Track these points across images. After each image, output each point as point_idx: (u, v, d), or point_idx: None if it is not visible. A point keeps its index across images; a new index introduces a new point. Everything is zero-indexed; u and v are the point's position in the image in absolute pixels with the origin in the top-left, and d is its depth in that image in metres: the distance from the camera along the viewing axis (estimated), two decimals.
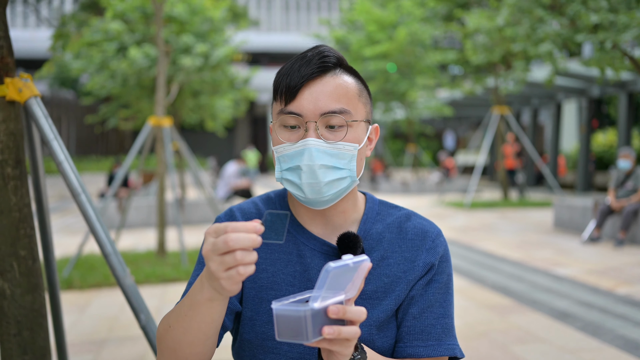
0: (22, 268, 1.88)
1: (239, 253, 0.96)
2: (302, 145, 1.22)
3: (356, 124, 1.27)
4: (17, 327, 1.86)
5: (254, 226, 0.98)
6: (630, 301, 5.36)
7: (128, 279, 2.12)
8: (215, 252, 0.98)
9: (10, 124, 1.89)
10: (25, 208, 1.91)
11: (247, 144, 35.66)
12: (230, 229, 0.97)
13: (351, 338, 0.99)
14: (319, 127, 1.23)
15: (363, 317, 1.01)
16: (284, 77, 1.25)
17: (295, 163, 1.24)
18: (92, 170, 22.47)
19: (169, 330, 1.19)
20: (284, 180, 1.28)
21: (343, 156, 1.25)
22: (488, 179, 24.25)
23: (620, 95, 15.92)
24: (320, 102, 1.23)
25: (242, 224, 0.98)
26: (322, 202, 1.27)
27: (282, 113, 1.25)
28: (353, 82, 1.29)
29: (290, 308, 0.96)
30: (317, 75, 1.24)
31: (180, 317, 1.16)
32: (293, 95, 1.23)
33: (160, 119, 6.94)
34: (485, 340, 4.34)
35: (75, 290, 6.04)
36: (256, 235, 0.98)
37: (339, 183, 1.26)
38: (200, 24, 10.60)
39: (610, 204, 8.76)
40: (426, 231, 1.37)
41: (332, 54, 1.27)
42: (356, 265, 1.00)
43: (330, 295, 0.98)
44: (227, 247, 0.96)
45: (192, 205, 11.62)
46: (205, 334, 1.15)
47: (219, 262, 0.98)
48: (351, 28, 19.88)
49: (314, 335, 0.95)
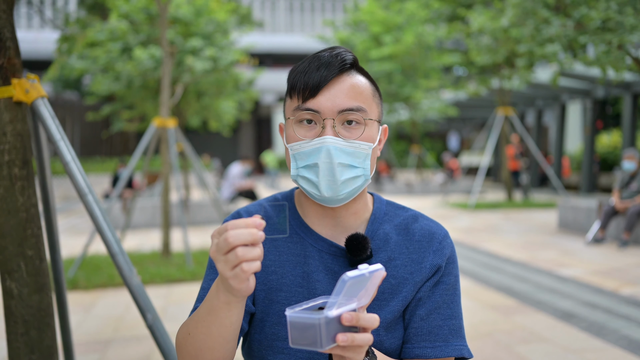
0: (30, 268, 1.90)
1: (240, 249, 0.97)
2: (320, 143, 1.23)
3: (371, 122, 1.29)
4: (24, 327, 1.88)
5: (254, 221, 0.99)
6: (634, 302, 5.36)
7: (135, 278, 2.14)
8: (219, 252, 0.99)
9: (18, 125, 1.90)
10: (32, 208, 1.93)
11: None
12: (230, 226, 0.98)
13: (364, 345, 1.00)
14: (336, 125, 1.24)
15: (376, 324, 1.01)
16: (301, 75, 1.26)
17: (313, 161, 1.24)
18: (96, 171, 22.48)
19: (189, 337, 1.20)
20: (299, 178, 1.28)
21: (359, 155, 1.26)
22: (492, 180, 24.21)
23: (625, 97, 15.87)
24: (338, 99, 1.24)
25: (242, 220, 0.98)
26: (337, 200, 1.28)
27: (299, 109, 1.26)
28: (367, 83, 1.31)
29: (305, 316, 0.97)
30: (336, 75, 1.26)
31: (199, 324, 1.17)
32: (313, 94, 1.24)
33: (165, 120, 6.96)
34: (490, 341, 4.34)
35: (80, 291, 6.06)
36: (256, 229, 0.98)
37: (354, 181, 1.27)
38: (205, 25, 10.62)
39: (614, 205, 8.74)
40: (433, 233, 1.37)
41: (349, 55, 1.29)
42: (371, 275, 1.00)
43: (344, 303, 0.99)
44: (229, 245, 0.97)
45: (196, 206, 11.64)
46: (225, 338, 1.16)
47: (224, 262, 0.99)
48: (355, 29, 19.88)
49: (328, 343, 0.96)
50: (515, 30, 9.47)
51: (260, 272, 1.34)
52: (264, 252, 1.35)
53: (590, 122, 17.54)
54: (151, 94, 11.31)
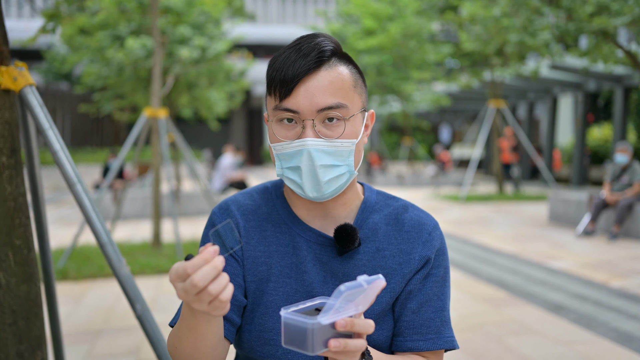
0: (18, 257, 1.87)
1: (211, 287, 0.93)
2: (301, 145, 1.21)
3: (353, 117, 1.25)
4: (12, 317, 1.86)
5: (210, 252, 0.94)
6: (623, 294, 5.39)
7: (124, 269, 2.12)
8: (189, 295, 0.95)
9: (5, 113, 1.87)
10: (21, 197, 1.90)
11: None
12: (190, 269, 0.93)
13: (357, 351, 0.99)
14: (316, 124, 1.21)
15: (371, 330, 1.00)
16: (278, 72, 1.22)
17: (295, 163, 1.23)
18: (87, 161, 22.35)
19: (176, 350, 1.21)
20: (285, 178, 1.27)
21: (341, 153, 1.24)
22: (483, 172, 24.28)
23: (616, 90, 15.94)
24: (316, 98, 1.20)
25: (199, 258, 0.94)
26: (323, 198, 1.27)
27: (277, 109, 1.23)
28: (348, 73, 1.26)
29: (298, 319, 0.96)
30: (313, 70, 1.21)
31: (183, 340, 1.17)
32: (288, 91, 1.20)
33: (156, 110, 6.92)
34: (480, 332, 4.35)
35: (70, 281, 6.03)
36: (217, 260, 0.94)
37: (339, 179, 1.25)
38: (197, 15, 10.54)
39: (605, 197, 8.79)
40: (423, 223, 1.36)
41: (327, 45, 1.24)
42: (369, 284, 0.99)
43: (340, 310, 0.98)
44: (198, 288, 0.93)
45: (187, 196, 11.60)
46: (212, 345, 1.18)
47: (198, 302, 0.96)
48: (347, 21, 19.81)
49: (319, 348, 0.96)
50: (507, 20, 9.47)
51: (250, 264, 1.33)
52: (254, 244, 1.34)
53: (581, 115, 17.60)
54: (142, 84, 11.24)
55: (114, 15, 9.56)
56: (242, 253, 1.34)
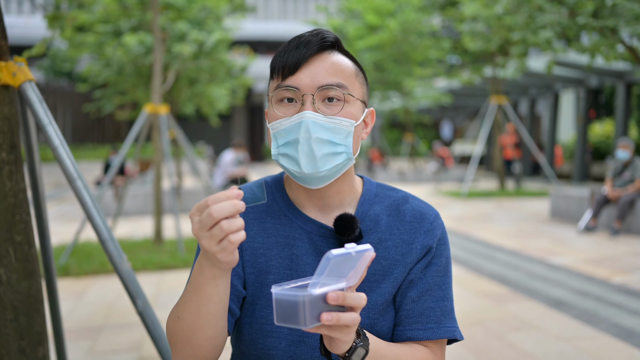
0: (19, 254, 1.87)
1: (224, 223, 0.97)
2: (299, 118, 1.21)
3: (353, 100, 1.26)
4: (13, 313, 1.86)
5: (233, 192, 0.99)
6: (625, 290, 5.38)
7: (125, 265, 2.11)
8: (203, 228, 0.99)
9: (5, 109, 1.87)
10: (21, 193, 1.90)
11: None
12: (210, 201, 0.98)
13: (350, 324, 0.98)
14: (316, 101, 1.22)
15: (363, 303, 1.00)
16: (281, 55, 1.25)
17: (292, 137, 1.22)
18: (88, 158, 22.35)
19: (178, 321, 1.19)
20: (280, 157, 1.26)
21: (340, 131, 1.24)
22: (485, 168, 24.26)
23: (618, 86, 15.90)
24: (317, 76, 1.23)
25: (221, 193, 0.99)
26: (318, 178, 1.25)
27: (279, 88, 1.25)
28: (349, 62, 1.29)
29: (289, 293, 0.95)
30: (316, 53, 1.25)
31: (187, 305, 1.16)
32: (292, 71, 1.23)
33: (157, 106, 6.91)
34: (481, 329, 4.35)
35: (71, 278, 6.03)
36: (237, 200, 0.98)
37: (335, 158, 1.24)
38: (197, 11, 10.52)
39: (606, 193, 8.78)
40: (424, 213, 1.37)
41: (330, 35, 1.27)
42: (359, 255, 0.99)
43: (331, 282, 0.97)
44: (213, 219, 0.97)
45: (188, 193, 11.61)
46: (215, 315, 1.15)
47: (209, 238, 0.99)
48: (349, 16, 19.77)
49: (312, 322, 0.95)
50: (509, 17, 9.45)
51: (249, 255, 1.33)
52: (252, 236, 1.35)
53: (583, 111, 17.57)
54: (143, 80, 11.22)
55: (114, 12, 9.54)
56: (241, 244, 1.34)
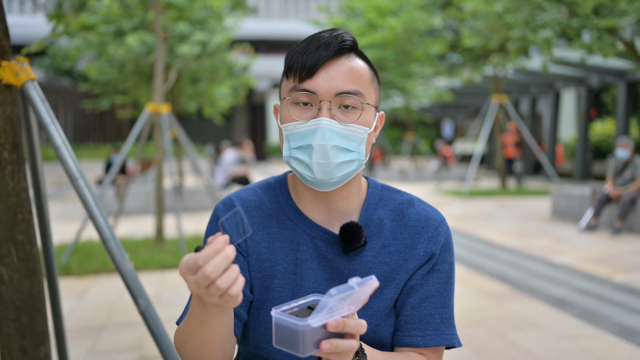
0: (20, 253, 1.87)
1: (220, 281, 0.92)
2: (315, 125, 1.20)
3: (368, 107, 1.26)
4: (15, 312, 1.86)
5: (221, 242, 0.92)
6: (626, 289, 5.38)
7: (127, 264, 2.12)
8: (201, 287, 0.93)
9: (7, 108, 1.87)
10: (23, 193, 1.90)
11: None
12: (201, 261, 0.92)
13: (348, 351, 0.98)
14: (333, 108, 1.21)
15: (363, 330, 0.99)
16: (299, 55, 1.23)
17: (307, 142, 1.21)
18: (89, 157, 22.37)
19: (186, 346, 1.18)
20: (292, 159, 1.25)
21: (354, 139, 1.23)
22: (486, 167, 24.25)
23: (619, 85, 15.88)
24: (335, 82, 1.21)
25: (210, 248, 0.92)
26: (329, 183, 1.25)
27: (295, 90, 1.23)
28: (366, 67, 1.28)
29: (290, 320, 0.95)
30: (334, 56, 1.23)
31: (192, 335, 1.15)
32: (310, 74, 1.21)
33: (158, 105, 6.91)
34: (483, 327, 4.35)
35: (73, 277, 6.03)
36: (228, 250, 0.93)
37: (348, 165, 1.24)
38: (199, 11, 10.52)
39: (608, 192, 8.77)
40: (429, 218, 1.35)
41: (349, 37, 1.26)
42: (361, 286, 0.98)
43: (332, 308, 0.97)
44: (210, 280, 0.91)
45: (190, 192, 11.61)
46: (222, 340, 1.15)
47: (209, 295, 0.94)
48: (350, 15, 19.76)
49: (310, 350, 0.95)
50: (510, 15, 9.44)
51: (254, 260, 1.32)
52: (258, 240, 1.34)
53: (584, 110, 17.55)
54: (144, 79, 11.22)
55: (115, 12, 9.54)
56: (247, 248, 1.33)
